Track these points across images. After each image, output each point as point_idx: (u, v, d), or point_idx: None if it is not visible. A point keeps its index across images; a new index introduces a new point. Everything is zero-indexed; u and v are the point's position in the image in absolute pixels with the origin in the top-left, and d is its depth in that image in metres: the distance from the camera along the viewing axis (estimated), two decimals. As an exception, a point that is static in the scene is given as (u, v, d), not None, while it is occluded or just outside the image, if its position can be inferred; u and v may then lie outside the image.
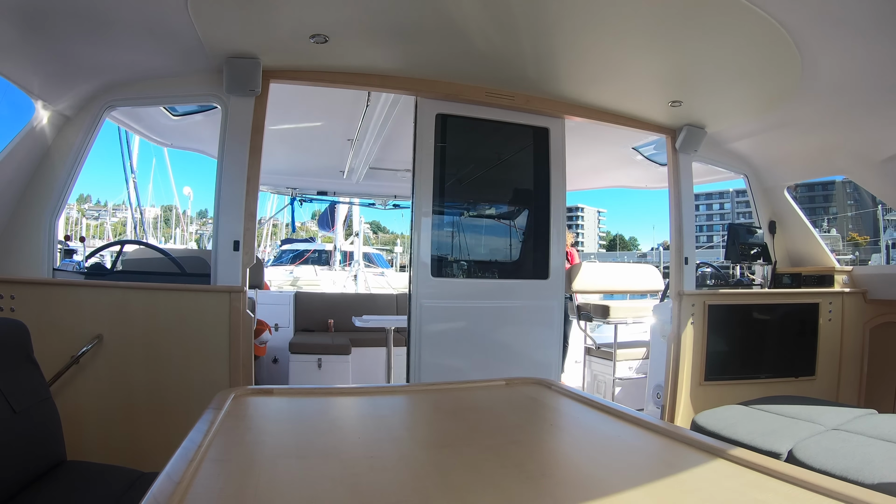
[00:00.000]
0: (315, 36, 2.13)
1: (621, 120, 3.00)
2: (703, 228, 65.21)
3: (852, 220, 53.28)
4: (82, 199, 46.63)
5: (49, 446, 1.49)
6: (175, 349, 2.24)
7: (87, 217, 33.89)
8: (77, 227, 25.05)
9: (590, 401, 1.26)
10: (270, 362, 4.58)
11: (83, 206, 40.18)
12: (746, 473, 0.82)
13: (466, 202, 2.96)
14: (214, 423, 0.98)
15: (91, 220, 33.71)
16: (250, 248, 2.35)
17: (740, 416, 2.21)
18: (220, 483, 0.76)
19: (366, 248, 10.15)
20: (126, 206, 14.64)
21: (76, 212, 29.23)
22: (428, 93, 2.62)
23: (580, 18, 1.99)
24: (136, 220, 11.90)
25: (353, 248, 8.61)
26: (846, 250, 49.27)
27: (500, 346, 2.74)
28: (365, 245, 9.58)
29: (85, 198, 52.08)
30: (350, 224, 10.03)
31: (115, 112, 2.66)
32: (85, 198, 52.08)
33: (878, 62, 2.11)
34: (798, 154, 3.30)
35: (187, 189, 20.40)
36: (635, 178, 4.51)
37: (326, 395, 1.34)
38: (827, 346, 3.29)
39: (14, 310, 2.07)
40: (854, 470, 1.59)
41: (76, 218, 26.99)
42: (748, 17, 1.86)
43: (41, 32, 1.92)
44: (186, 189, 20.50)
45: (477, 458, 0.89)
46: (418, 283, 2.60)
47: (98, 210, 43.08)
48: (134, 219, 12.04)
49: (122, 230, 26.53)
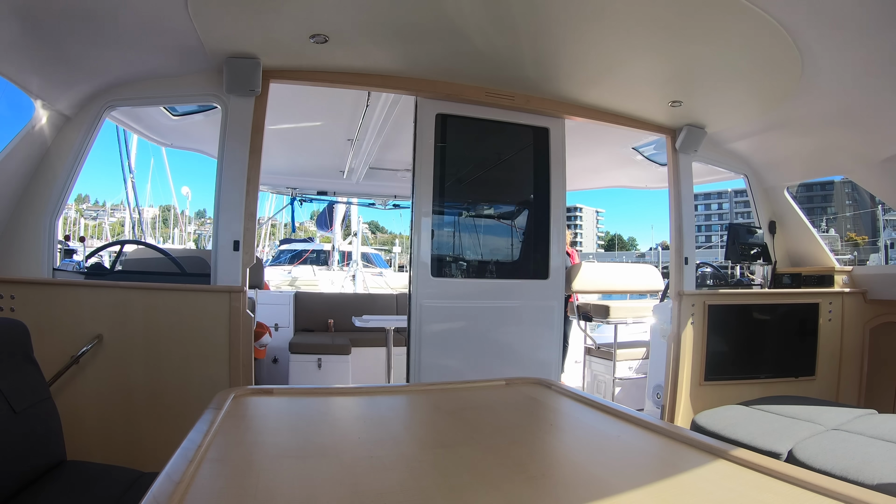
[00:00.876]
0: (315, 36, 2.13)
1: (621, 120, 3.00)
2: (702, 228, 65.18)
3: (851, 220, 53.27)
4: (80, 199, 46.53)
5: (49, 446, 1.49)
6: (175, 349, 2.24)
7: (85, 217, 33.79)
8: (75, 226, 25.01)
9: (590, 401, 1.26)
10: (270, 362, 4.58)
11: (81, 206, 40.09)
12: (746, 473, 0.82)
13: (466, 202, 2.96)
14: (214, 423, 0.98)
15: (89, 220, 33.63)
16: (250, 248, 2.35)
17: (740, 417, 2.21)
18: (220, 483, 0.76)
19: (364, 248, 10.13)
20: (124, 206, 14.62)
21: (74, 212, 29.16)
22: (428, 93, 2.62)
23: (580, 18, 1.99)
24: (134, 221, 11.90)
25: (352, 248, 8.61)
26: (845, 250, 49.24)
27: (500, 346, 2.74)
28: (363, 245, 9.57)
29: (83, 198, 52.01)
30: (348, 224, 10.03)
31: (115, 112, 2.66)
32: (83, 198, 52.01)
33: (878, 62, 2.11)
34: (798, 154, 3.30)
35: (185, 189, 20.34)
36: (635, 178, 4.51)
37: (326, 395, 1.34)
38: (827, 346, 3.29)
39: (14, 310, 2.07)
40: (854, 470, 1.59)
41: (74, 218, 26.93)
42: (748, 17, 1.86)
43: (41, 32, 1.92)
44: (185, 189, 20.44)
45: (477, 458, 0.89)
46: (418, 283, 2.60)
47: (96, 210, 43.00)
48: (132, 219, 12.03)
49: (121, 230, 26.49)
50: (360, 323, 3.64)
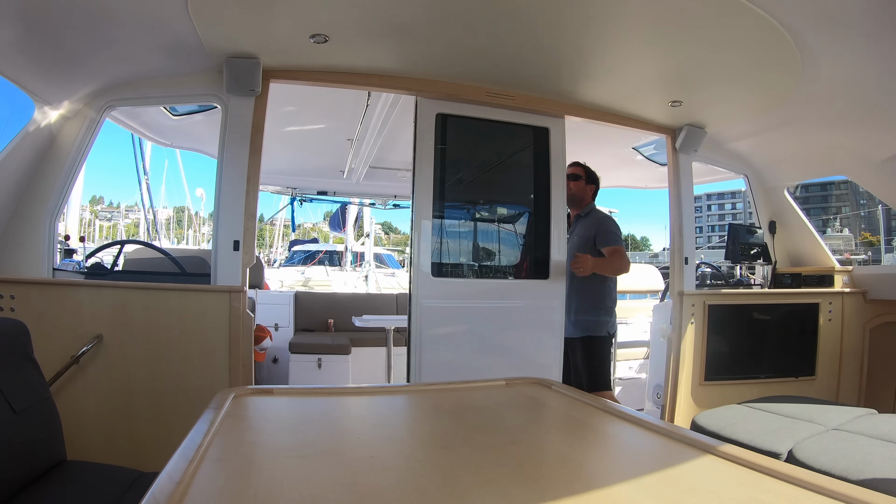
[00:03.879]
0: (315, 36, 2.13)
1: (621, 120, 3.00)
2: (716, 229, 64.57)
3: (865, 219, 52.74)
4: (95, 201, 46.57)
5: (49, 446, 1.49)
6: (175, 349, 2.24)
7: (100, 218, 33.80)
8: (90, 227, 24.99)
9: (590, 401, 1.26)
10: (270, 362, 4.58)
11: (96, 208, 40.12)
12: (746, 473, 0.82)
13: (466, 202, 2.96)
14: (214, 422, 0.98)
15: (104, 222, 33.62)
16: (250, 248, 2.35)
17: (740, 416, 2.21)
18: (220, 483, 0.76)
19: (377, 249, 10.11)
20: (139, 207, 14.62)
21: (89, 213, 29.13)
22: (428, 93, 2.62)
23: (580, 18, 1.99)
24: (148, 222, 11.92)
25: (364, 249, 8.60)
26: (859, 250, 48.69)
27: (501, 346, 2.73)
28: (376, 246, 9.56)
29: (98, 199, 52.00)
30: (361, 225, 10.01)
31: (115, 112, 2.66)
32: (98, 199, 52.00)
33: (878, 62, 2.11)
34: (798, 154, 3.30)
35: (200, 191, 20.28)
36: (635, 178, 4.51)
37: (326, 395, 1.34)
38: (827, 346, 3.29)
39: (14, 310, 2.07)
40: (854, 470, 1.59)
41: (89, 219, 26.89)
42: (748, 17, 1.86)
43: (41, 32, 1.92)
44: (199, 191, 20.39)
45: (477, 458, 0.89)
46: (419, 283, 2.60)
47: (111, 211, 42.98)
48: (147, 220, 12.05)
49: (135, 231, 26.46)
50: (360, 323, 3.63)
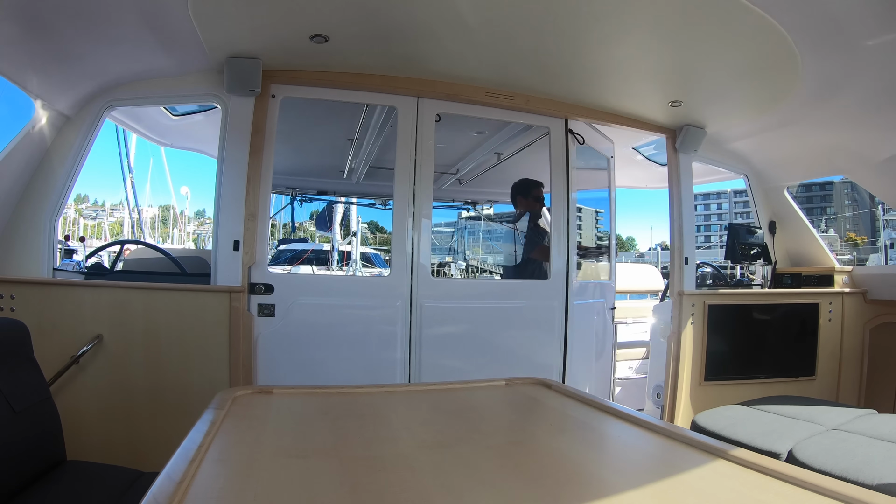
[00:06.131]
0: (315, 36, 2.13)
1: (621, 120, 3.00)
2: (701, 229, 64.98)
3: (850, 220, 53.17)
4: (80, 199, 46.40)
5: (49, 446, 1.49)
6: (175, 349, 2.24)
7: (84, 217, 33.69)
8: (74, 226, 24.96)
9: (590, 401, 1.26)
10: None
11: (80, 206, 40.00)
12: (746, 474, 0.82)
13: (466, 202, 2.96)
14: (215, 422, 0.98)
15: (88, 220, 33.53)
16: (250, 248, 2.35)
17: (740, 417, 2.21)
18: (220, 483, 0.76)
19: (363, 248, 10.10)
20: (124, 206, 14.60)
21: (74, 211, 29.09)
22: (428, 93, 2.62)
23: (580, 18, 1.99)
24: (133, 220, 11.89)
25: (351, 248, 8.58)
26: (844, 251, 49.14)
27: (501, 346, 2.73)
28: (363, 245, 9.54)
29: (82, 198, 51.83)
30: (348, 224, 9.99)
31: (115, 112, 2.66)
32: (82, 198, 51.83)
33: (877, 62, 2.11)
34: (798, 154, 3.30)
35: (185, 189, 20.27)
36: (635, 178, 4.51)
37: (326, 395, 1.34)
38: (827, 347, 3.28)
39: (14, 310, 2.07)
40: (854, 470, 1.59)
41: (74, 218, 26.87)
42: (748, 17, 1.86)
43: (41, 32, 1.91)
44: (184, 189, 20.38)
45: (477, 458, 0.89)
46: (418, 284, 2.60)
47: (95, 210, 42.87)
48: (131, 219, 12.01)
49: (120, 230, 26.43)
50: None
